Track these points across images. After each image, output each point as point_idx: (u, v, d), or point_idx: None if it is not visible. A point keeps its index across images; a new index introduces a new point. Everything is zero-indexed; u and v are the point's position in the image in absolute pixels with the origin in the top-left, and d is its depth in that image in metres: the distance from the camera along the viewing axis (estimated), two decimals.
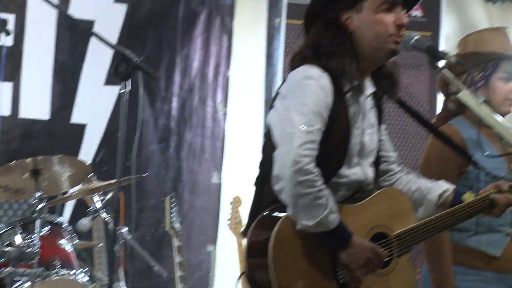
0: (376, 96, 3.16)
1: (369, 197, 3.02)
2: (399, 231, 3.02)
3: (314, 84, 2.90)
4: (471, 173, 3.59)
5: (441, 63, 2.99)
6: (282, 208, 2.84)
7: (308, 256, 2.84)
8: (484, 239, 3.59)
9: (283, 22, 5.48)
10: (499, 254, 3.60)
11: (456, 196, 3.20)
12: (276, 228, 2.80)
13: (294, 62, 3.03)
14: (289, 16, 5.49)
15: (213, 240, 5.59)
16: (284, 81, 3.03)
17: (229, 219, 5.25)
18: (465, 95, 2.87)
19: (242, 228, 3.05)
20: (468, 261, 3.61)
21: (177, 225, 4.92)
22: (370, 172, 3.09)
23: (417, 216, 3.19)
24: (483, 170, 3.36)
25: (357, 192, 3.04)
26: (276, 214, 2.87)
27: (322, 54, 2.99)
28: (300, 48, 3.06)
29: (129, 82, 3.06)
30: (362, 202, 3.00)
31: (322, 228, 2.80)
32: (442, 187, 3.23)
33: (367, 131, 3.08)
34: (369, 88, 3.10)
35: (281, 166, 2.79)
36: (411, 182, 3.26)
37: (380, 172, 3.22)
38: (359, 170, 3.04)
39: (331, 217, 2.80)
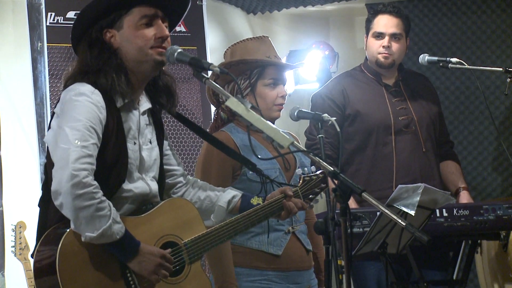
0: (154, 113, 3.21)
1: (155, 208, 3.06)
2: (188, 239, 3.08)
3: (86, 100, 2.92)
4: (243, 175, 3.70)
5: (207, 74, 3.05)
6: (67, 224, 2.84)
7: (98, 267, 2.85)
8: (265, 239, 3.69)
9: (45, 45, 5.41)
10: (281, 253, 3.71)
11: (244, 201, 3.33)
12: (60, 243, 2.79)
13: (66, 84, 3.04)
14: (50, 40, 5.42)
15: (0, 268, 5.40)
16: (58, 100, 3.02)
17: (13, 246, 5.13)
18: (233, 102, 2.92)
19: (30, 252, 3.00)
20: (251, 262, 3.70)
21: None
22: (153, 185, 3.13)
23: (211, 223, 3.27)
24: (260, 173, 3.44)
25: (143, 205, 3.07)
26: (60, 230, 2.86)
27: (90, 71, 3.01)
28: (72, 70, 3.07)
29: None
30: (148, 212, 3.03)
31: (108, 239, 2.82)
32: (230, 193, 3.34)
33: (144, 147, 3.12)
34: (145, 104, 3.15)
35: (59, 181, 2.78)
36: (200, 191, 3.34)
37: (168, 186, 3.28)
38: (142, 184, 3.08)
39: (115, 227, 2.82)
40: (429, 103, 5.00)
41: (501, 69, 4.69)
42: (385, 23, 4.89)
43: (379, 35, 4.89)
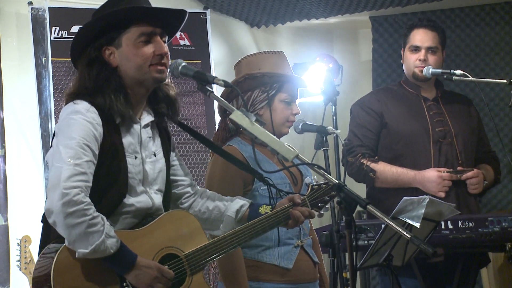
0: (160, 124, 3.22)
1: (154, 221, 3.06)
2: (189, 251, 3.08)
3: (80, 118, 2.95)
4: (255, 191, 3.69)
5: (211, 88, 3.06)
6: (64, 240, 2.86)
7: (95, 281, 2.86)
8: (276, 253, 3.69)
9: (49, 59, 5.42)
10: (291, 266, 3.71)
11: (252, 210, 3.32)
12: (54, 259, 2.82)
13: (66, 101, 3.06)
14: (54, 54, 5.44)
15: (6, 282, 5.40)
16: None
17: (18, 260, 5.14)
18: (238, 116, 2.93)
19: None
20: (263, 275, 3.69)
21: None
22: (157, 199, 3.14)
23: (220, 233, 3.27)
24: (272, 186, 3.42)
25: (145, 218, 3.08)
26: (57, 246, 2.88)
27: (88, 90, 3.03)
28: (72, 87, 3.09)
29: None
30: (147, 226, 3.04)
31: (101, 254, 2.83)
32: (239, 202, 3.34)
33: (148, 160, 3.13)
34: (147, 117, 3.16)
35: (51, 200, 2.82)
36: (209, 201, 3.34)
37: (175, 196, 3.29)
38: (144, 198, 3.08)
39: (108, 242, 2.83)
40: (468, 120, 4.97)
41: (505, 81, 4.69)
42: (421, 37, 4.91)
43: (416, 49, 4.91)
